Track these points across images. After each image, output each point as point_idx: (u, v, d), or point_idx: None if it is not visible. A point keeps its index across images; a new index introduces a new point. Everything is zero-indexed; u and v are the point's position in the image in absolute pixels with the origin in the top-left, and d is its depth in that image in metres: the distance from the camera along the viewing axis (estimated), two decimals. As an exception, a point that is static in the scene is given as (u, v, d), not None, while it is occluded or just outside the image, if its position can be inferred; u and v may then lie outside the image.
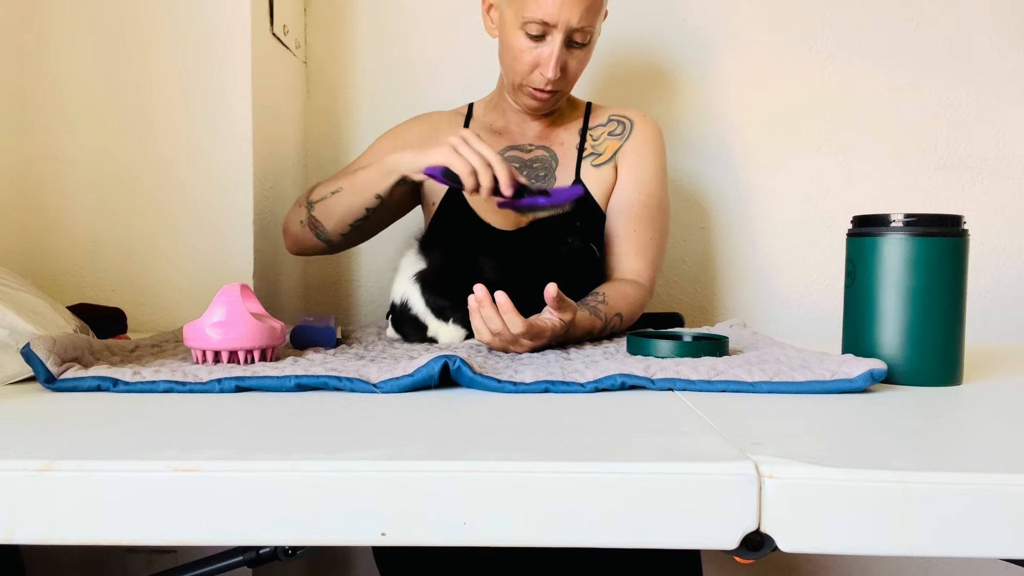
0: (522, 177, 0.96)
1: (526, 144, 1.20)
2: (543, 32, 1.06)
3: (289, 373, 0.65)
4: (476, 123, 1.24)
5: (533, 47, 1.08)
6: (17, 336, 0.68)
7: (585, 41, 1.08)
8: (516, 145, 1.20)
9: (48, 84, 1.19)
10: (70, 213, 1.21)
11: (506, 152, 1.19)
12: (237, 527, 0.43)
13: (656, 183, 1.17)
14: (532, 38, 1.07)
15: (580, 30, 1.06)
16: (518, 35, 1.08)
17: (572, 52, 1.09)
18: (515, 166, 1.16)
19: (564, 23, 1.04)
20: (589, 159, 1.17)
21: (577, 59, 1.10)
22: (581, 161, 1.17)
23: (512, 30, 1.09)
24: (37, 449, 0.45)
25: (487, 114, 1.24)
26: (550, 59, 1.07)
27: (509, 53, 1.11)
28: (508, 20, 1.09)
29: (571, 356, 0.80)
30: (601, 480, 0.42)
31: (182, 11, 1.18)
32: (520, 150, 1.19)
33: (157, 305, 1.21)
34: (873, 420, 0.56)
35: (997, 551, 0.42)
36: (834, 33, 1.48)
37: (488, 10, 1.15)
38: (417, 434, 0.50)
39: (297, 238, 1.13)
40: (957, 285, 0.71)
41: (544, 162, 1.17)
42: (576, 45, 1.08)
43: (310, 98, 1.50)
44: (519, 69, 1.10)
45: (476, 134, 0.95)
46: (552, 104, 1.15)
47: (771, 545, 0.42)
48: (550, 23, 1.04)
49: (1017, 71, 1.48)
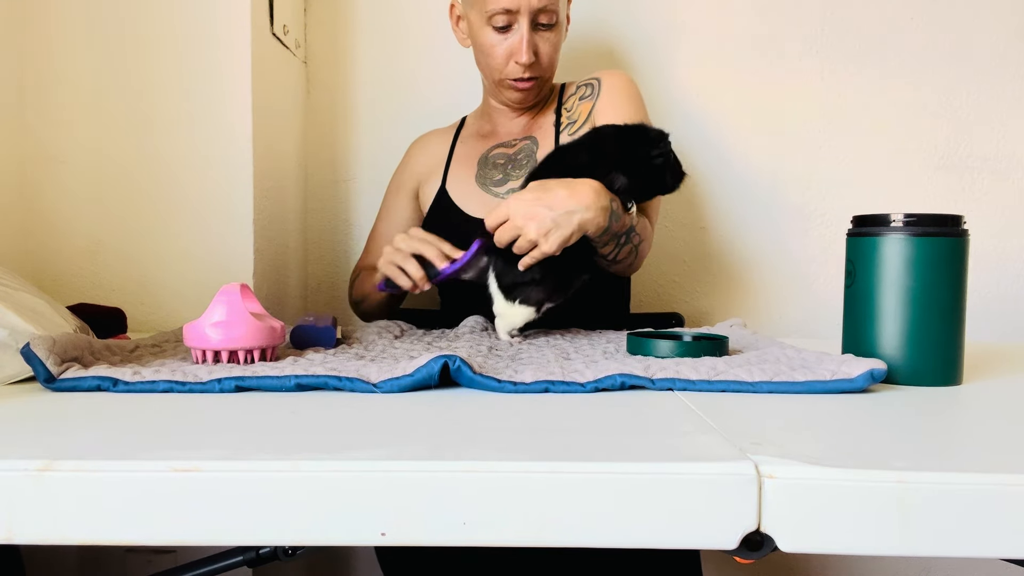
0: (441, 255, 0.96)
1: (511, 140, 1.22)
2: (509, 21, 1.10)
3: (289, 373, 0.65)
4: (467, 130, 1.28)
5: (503, 39, 1.12)
6: (17, 336, 0.68)
7: (551, 22, 1.11)
8: (502, 143, 1.22)
9: (48, 84, 1.19)
10: (70, 213, 1.20)
11: (493, 151, 1.22)
12: (237, 527, 0.43)
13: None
14: (500, 30, 1.11)
15: (543, 10, 1.09)
16: (487, 32, 1.12)
17: (541, 34, 1.12)
18: (500, 162, 1.20)
19: (526, 6, 1.08)
20: (566, 131, 1.19)
21: (548, 41, 1.13)
22: (559, 136, 1.19)
23: (480, 29, 1.13)
24: (37, 449, 0.45)
25: (476, 122, 1.28)
26: (521, 44, 1.10)
27: (483, 53, 1.15)
28: (475, 22, 1.14)
29: (571, 356, 0.80)
30: (601, 480, 0.42)
31: (182, 11, 1.18)
32: (505, 146, 1.22)
33: (157, 305, 1.21)
34: (873, 420, 0.56)
35: (997, 551, 0.42)
36: (834, 33, 1.48)
37: (457, 23, 1.20)
38: (417, 434, 0.50)
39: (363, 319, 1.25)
40: (957, 285, 0.71)
41: (527, 150, 1.20)
42: (543, 27, 1.12)
43: (310, 98, 1.50)
44: (495, 64, 1.14)
45: (404, 235, 0.99)
46: (536, 93, 1.18)
47: (771, 545, 0.42)
48: (512, 9, 1.08)
49: (1017, 71, 1.48)
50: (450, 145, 1.27)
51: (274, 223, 1.31)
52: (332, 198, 1.52)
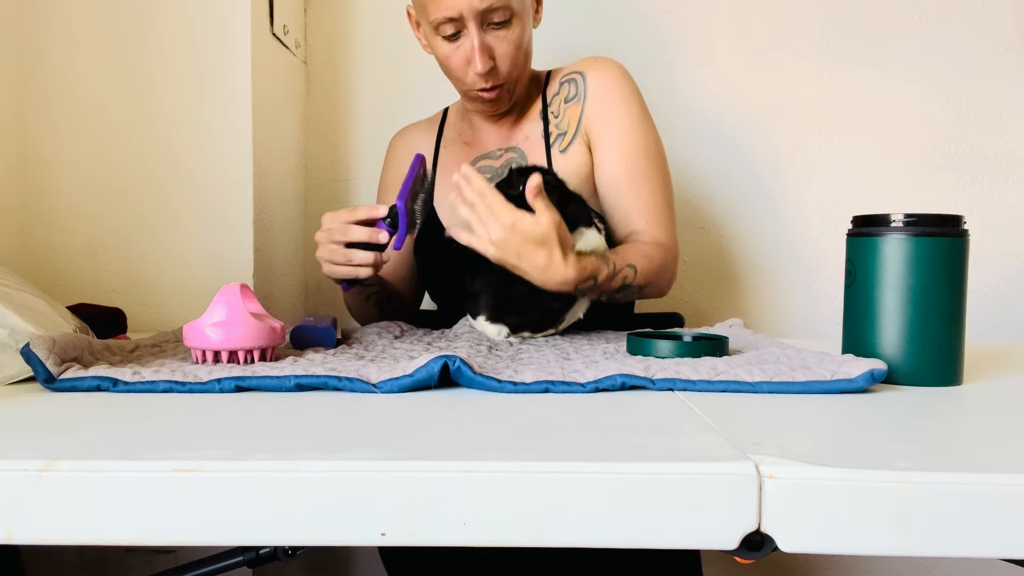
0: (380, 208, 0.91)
1: (495, 151, 1.15)
2: (456, 28, 1.00)
3: (289, 373, 0.65)
4: (449, 131, 1.21)
5: (455, 47, 1.02)
6: (17, 336, 0.68)
7: (505, 18, 1.00)
8: (485, 154, 1.15)
9: (48, 84, 1.19)
10: (70, 213, 1.20)
11: (477, 162, 1.14)
12: (237, 527, 0.43)
13: (635, 134, 1.07)
14: (450, 39, 1.02)
15: (491, 9, 0.98)
16: (438, 42, 1.04)
17: (495, 34, 1.01)
18: (487, 176, 1.09)
19: (469, 9, 0.98)
20: (556, 144, 1.10)
21: (505, 40, 1.02)
22: (550, 151, 1.10)
23: (433, 39, 1.04)
24: (37, 449, 0.45)
25: (458, 123, 1.20)
26: (473, 51, 1.00)
27: (442, 64, 1.06)
28: (427, 32, 1.05)
29: (571, 356, 0.80)
30: (601, 480, 0.42)
31: (182, 11, 1.18)
32: (490, 158, 1.14)
33: (157, 305, 1.21)
34: (873, 420, 0.56)
35: (997, 551, 0.42)
36: (834, 33, 1.48)
37: (417, 28, 1.10)
38: (417, 434, 0.50)
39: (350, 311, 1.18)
40: (957, 285, 0.71)
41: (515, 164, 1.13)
42: (496, 25, 1.00)
43: (310, 98, 1.50)
44: (455, 75, 1.06)
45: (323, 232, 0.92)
46: (506, 101, 1.09)
47: (771, 545, 0.42)
48: (455, 16, 0.99)
49: (1017, 71, 1.48)
50: (434, 146, 1.20)
51: (274, 223, 1.31)
52: (332, 198, 1.52)
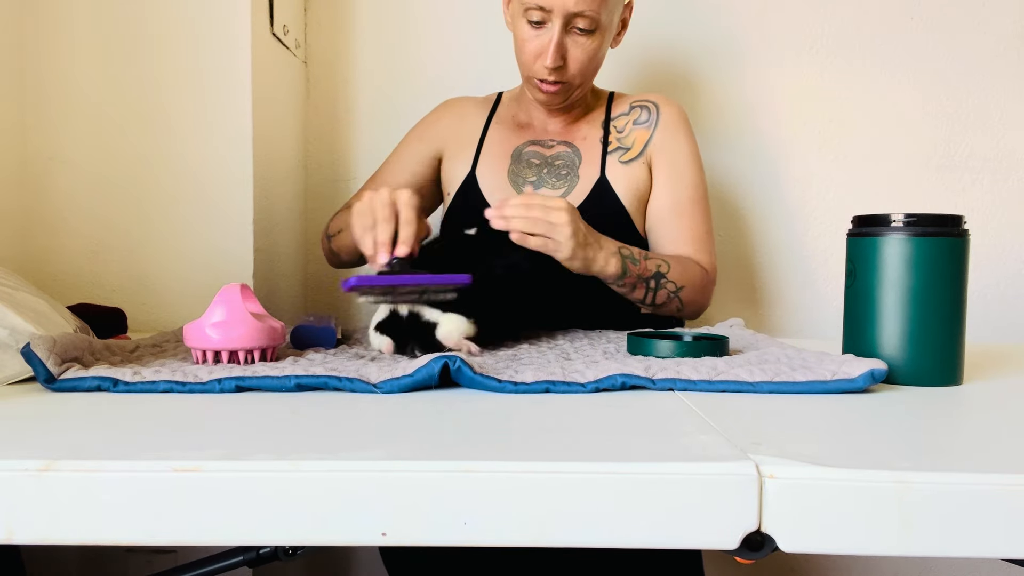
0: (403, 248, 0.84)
1: (547, 140, 1.18)
2: (542, 19, 1.05)
3: (289, 373, 0.65)
4: (503, 110, 1.23)
5: (535, 35, 1.07)
6: (17, 336, 0.68)
7: (590, 28, 1.05)
8: (537, 140, 1.18)
9: (48, 84, 1.19)
10: (70, 213, 1.20)
11: (527, 147, 1.18)
12: (237, 527, 0.43)
13: (694, 169, 1.16)
14: (533, 25, 1.06)
15: (580, 15, 1.03)
16: (522, 24, 1.08)
17: (575, 38, 1.06)
18: (535, 162, 1.16)
19: (561, 7, 1.02)
20: (616, 154, 1.15)
21: (582, 47, 1.07)
22: (606, 156, 1.15)
23: (517, 20, 1.09)
24: (37, 449, 0.45)
25: (512, 105, 1.24)
26: (549, 46, 1.05)
27: (517, 44, 1.11)
28: (515, 10, 1.10)
29: (571, 356, 0.80)
30: (601, 480, 0.42)
31: (182, 11, 1.18)
32: (541, 145, 1.18)
33: (157, 305, 1.21)
34: (873, 420, 0.56)
35: (997, 551, 0.42)
36: (834, 33, 1.48)
37: (507, 2, 1.14)
38: (417, 434, 0.50)
39: (328, 260, 1.25)
40: (957, 285, 0.71)
41: (567, 159, 1.15)
42: (580, 32, 1.05)
43: (310, 98, 1.50)
44: (524, 60, 1.10)
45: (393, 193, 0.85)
46: (562, 99, 1.13)
47: (771, 545, 0.42)
48: (546, 8, 1.03)
49: (1017, 71, 1.48)
50: (484, 124, 1.22)
51: (274, 223, 1.31)
52: (332, 198, 1.52)
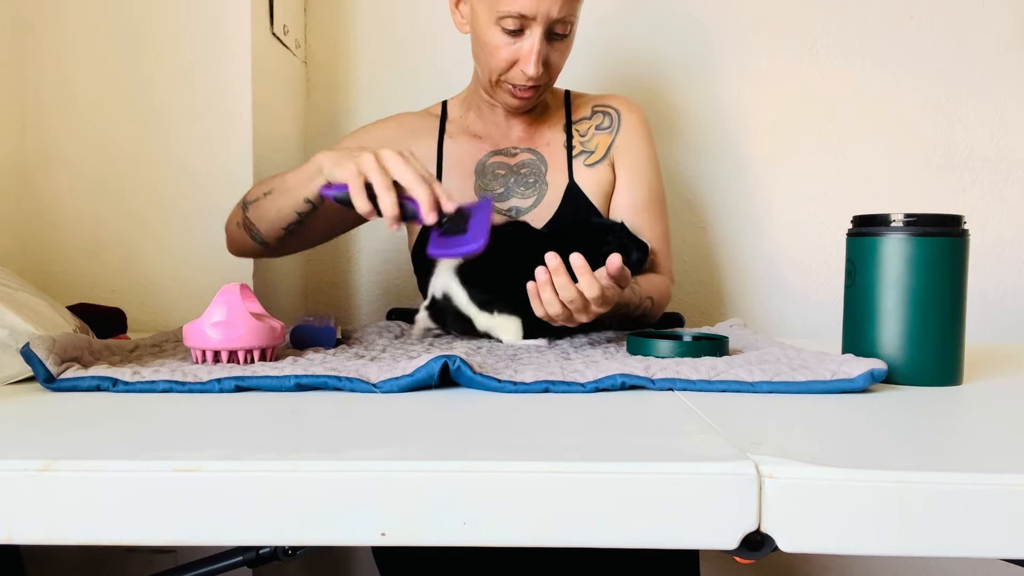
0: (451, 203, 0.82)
1: (510, 148, 1.14)
2: (521, 26, 0.99)
3: (289, 373, 0.65)
4: (453, 125, 1.17)
5: (511, 42, 1.00)
6: (17, 336, 0.68)
7: (566, 32, 1.01)
8: (499, 150, 1.14)
9: (48, 84, 1.19)
10: (70, 213, 1.20)
11: (490, 158, 1.13)
12: (237, 527, 0.43)
13: (653, 172, 1.16)
14: (509, 33, 1.00)
15: (561, 21, 0.99)
16: (493, 31, 1.00)
17: (553, 45, 1.02)
18: (500, 172, 1.11)
19: (544, 15, 0.97)
20: (581, 158, 1.13)
21: (559, 51, 1.04)
22: (572, 160, 1.13)
23: (486, 25, 1.01)
24: (37, 449, 0.45)
25: (464, 115, 1.18)
26: (531, 55, 1.00)
27: (485, 50, 1.03)
28: (481, 15, 1.02)
29: (571, 356, 0.80)
30: (601, 480, 0.42)
31: (182, 11, 1.18)
32: (504, 155, 1.13)
33: (157, 305, 1.21)
34: (873, 420, 0.56)
35: (997, 551, 0.42)
36: (834, 33, 1.48)
37: (456, 4, 1.08)
38: (417, 434, 0.50)
39: (234, 239, 1.05)
40: (957, 285, 0.71)
41: (533, 167, 1.12)
42: (557, 37, 1.02)
43: (310, 98, 1.50)
44: (496, 66, 1.03)
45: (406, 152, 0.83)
46: (535, 100, 1.09)
47: (771, 545, 0.42)
48: (528, 16, 0.97)
49: (1017, 71, 1.48)
50: (437, 140, 1.16)
51: (274, 223, 1.31)
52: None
